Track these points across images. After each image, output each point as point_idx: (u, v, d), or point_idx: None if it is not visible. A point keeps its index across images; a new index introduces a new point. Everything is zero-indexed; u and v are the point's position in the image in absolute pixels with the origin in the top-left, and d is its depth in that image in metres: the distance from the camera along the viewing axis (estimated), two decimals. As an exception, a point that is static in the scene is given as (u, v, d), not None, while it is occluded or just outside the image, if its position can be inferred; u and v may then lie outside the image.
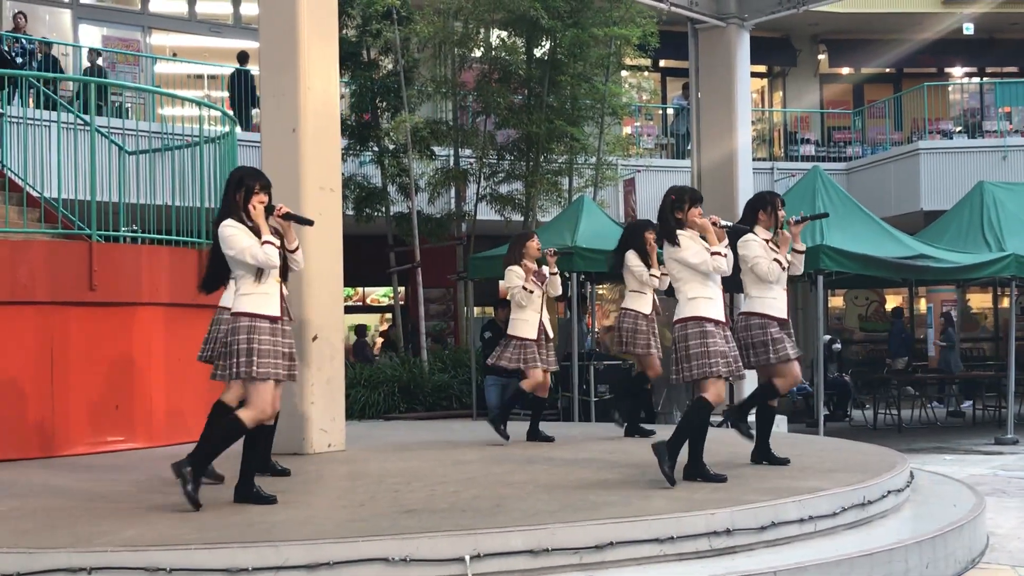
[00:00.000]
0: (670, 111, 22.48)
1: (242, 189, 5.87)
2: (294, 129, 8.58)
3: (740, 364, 6.72)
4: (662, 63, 23.58)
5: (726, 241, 6.76)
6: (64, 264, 8.97)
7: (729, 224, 6.87)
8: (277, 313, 5.84)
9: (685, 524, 5.38)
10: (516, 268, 9.14)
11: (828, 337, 16.92)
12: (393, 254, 17.43)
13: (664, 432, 7.77)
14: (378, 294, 22.11)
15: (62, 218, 10.45)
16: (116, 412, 9.18)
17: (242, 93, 17.88)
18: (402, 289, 18.99)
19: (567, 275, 13.31)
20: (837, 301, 23.56)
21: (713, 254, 6.56)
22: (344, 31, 15.89)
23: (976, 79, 24.71)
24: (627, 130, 21.37)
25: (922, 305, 20.75)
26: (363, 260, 15.82)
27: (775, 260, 7.27)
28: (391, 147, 17.02)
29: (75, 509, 6.10)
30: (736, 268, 7.15)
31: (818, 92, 25.12)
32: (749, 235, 7.37)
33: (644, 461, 7.59)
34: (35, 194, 10.24)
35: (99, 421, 9.07)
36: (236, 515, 5.70)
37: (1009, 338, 14.39)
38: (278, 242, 5.84)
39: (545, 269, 9.23)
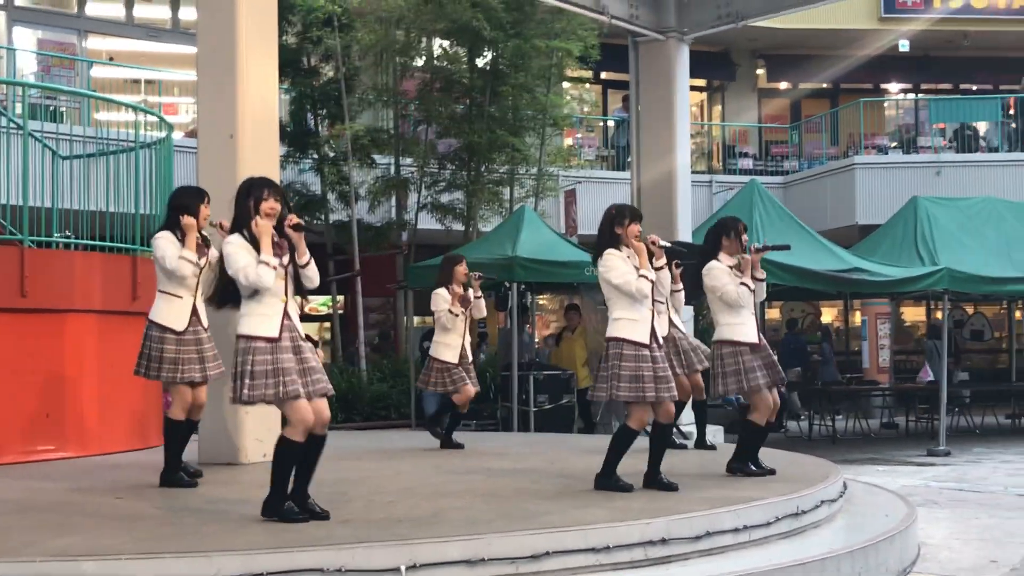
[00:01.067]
0: (611, 123, 22.61)
1: (251, 199, 5.63)
2: (232, 135, 8.50)
3: (671, 386, 6.65)
4: (603, 75, 23.72)
5: (663, 260, 6.83)
6: (-5, 270, 8.81)
7: (667, 244, 6.93)
8: (275, 334, 5.55)
9: (621, 533, 5.39)
10: (442, 291, 9.39)
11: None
12: (332, 263, 17.33)
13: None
14: (317, 303, 21.94)
15: (-7, 223, 10.26)
16: (47, 420, 9.02)
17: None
18: (341, 298, 18.88)
19: (507, 285, 13.35)
20: (773, 313, 23.79)
21: (640, 276, 6.58)
22: (284, 38, 15.80)
23: (911, 95, 25.15)
24: (568, 141, 21.45)
25: (856, 318, 21.02)
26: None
27: (742, 284, 7.35)
28: (331, 155, 16.94)
29: (4, 519, 5.97)
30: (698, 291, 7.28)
31: (756, 106, 25.43)
32: (713, 263, 7.47)
33: (583, 471, 7.61)
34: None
35: (30, 429, 8.90)
36: (169, 525, 5.63)
37: (942, 351, 14.62)
38: (275, 261, 5.55)
39: (470, 292, 9.36)
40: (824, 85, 25.22)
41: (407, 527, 5.44)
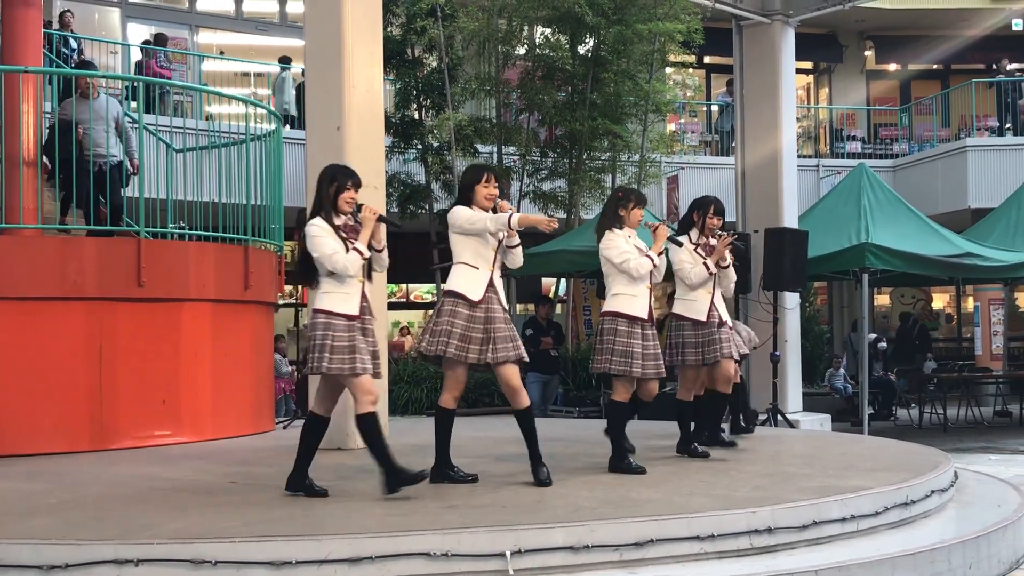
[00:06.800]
0: (714, 108, 22.39)
1: (334, 185, 6.02)
2: (338, 127, 8.64)
3: (660, 364, 6.98)
4: (707, 59, 23.48)
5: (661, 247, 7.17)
6: (113, 260, 9.09)
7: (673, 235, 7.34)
8: (355, 312, 5.98)
9: (726, 522, 5.38)
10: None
11: (873, 336, 16.80)
12: (436, 251, 17.47)
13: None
14: (421, 291, 22.19)
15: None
16: (163, 406, 9.29)
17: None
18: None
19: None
20: (883, 299, 23.37)
21: (644, 255, 6.96)
22: (388, 29, 15.97)
23: (1027, 75, 24.40)
24: (671, 127, 21.30)
25: (969, 304, 20.55)
26: (407, 257, 15.88)
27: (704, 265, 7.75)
28: (435, 145, 17.07)
29: (122, 502, 6.19)
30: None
31: (864, 89, 24.91)
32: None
33: (687, 459, 7.61)
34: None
35: (146, 415, 9.18)
36: (280, 509, 5.77)
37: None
38: (368, 253, 6.01)
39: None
40: (935, 66, 24.60)
41: (512, 513, 5.50)
